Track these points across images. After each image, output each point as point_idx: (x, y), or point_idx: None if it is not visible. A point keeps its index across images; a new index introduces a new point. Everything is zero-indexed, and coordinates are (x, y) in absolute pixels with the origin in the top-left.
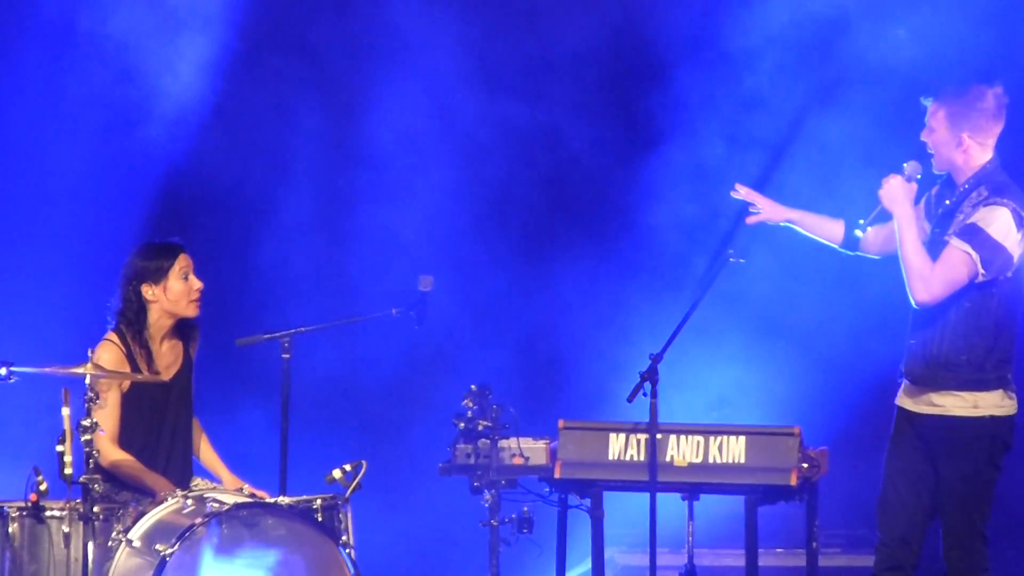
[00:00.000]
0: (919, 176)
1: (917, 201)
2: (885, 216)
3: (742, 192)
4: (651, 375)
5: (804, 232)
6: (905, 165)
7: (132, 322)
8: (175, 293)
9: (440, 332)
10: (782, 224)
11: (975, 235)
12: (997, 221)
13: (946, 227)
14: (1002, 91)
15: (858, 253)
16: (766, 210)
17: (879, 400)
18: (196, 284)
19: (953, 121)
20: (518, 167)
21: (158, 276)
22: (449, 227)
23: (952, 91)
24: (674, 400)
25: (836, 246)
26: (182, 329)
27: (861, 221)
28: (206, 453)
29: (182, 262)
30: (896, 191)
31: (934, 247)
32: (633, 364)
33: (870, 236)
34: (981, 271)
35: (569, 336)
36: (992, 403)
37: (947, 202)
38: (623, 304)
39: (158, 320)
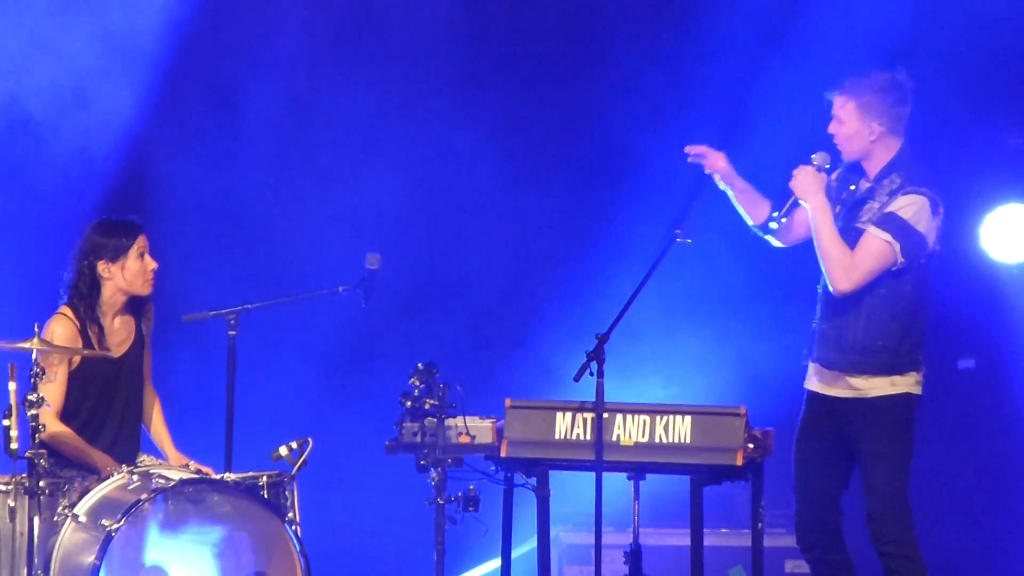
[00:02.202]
0: (828, 166)
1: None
2: (795, 206)
3: (693, 150)
4: (597, 354)
5: (733, 201)
6: (814, 156)
7: (85, 296)
8: (132, 272)
9: (387, 310)
10: (722, 187)
11: (894, 223)
12: (915, 209)
13: (857, 215)
14: (905, 75)
15: (766, 237)
16: (718, 164)
17: None
18: (151, 264)
19: (864, 112)
20: (468, 143)
21: (116, 254)
22: (397, 204)
23: (859, 82)
24: (620, 380)
25: (751, 223)
26: (134, 305)
27: (775, 214)
28: (156, 426)
29: (141, 242)
30: (808, 182)
31: (846, 235)
32: (580, 343)
33: (781, 225)
34: (900, 258)
35: (516, 315)
36: (907, 383)
37: (852, 188)
38: (571, 282)
39: (112, 296)
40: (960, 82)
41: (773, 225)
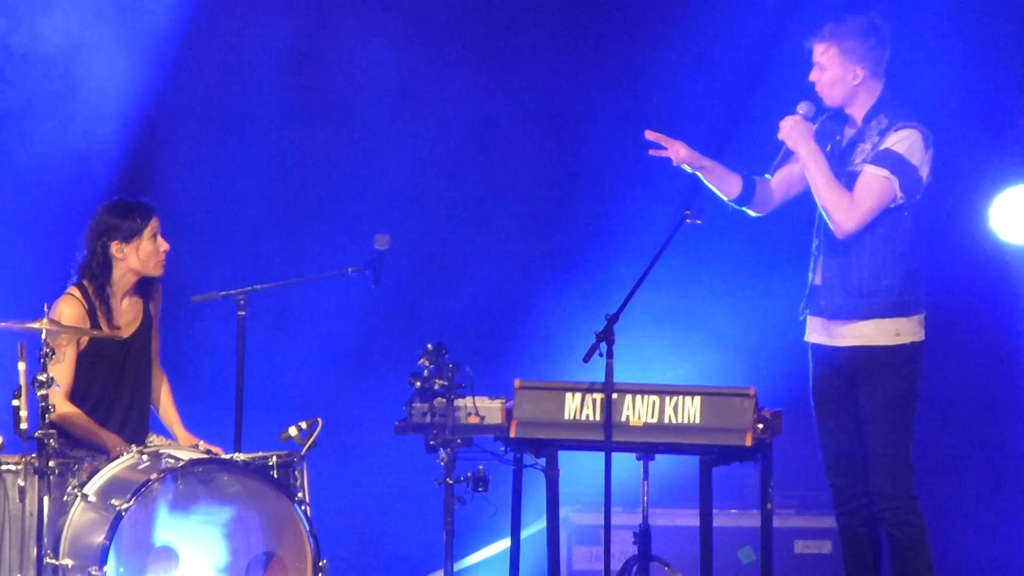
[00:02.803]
0: (813, 115)
1: None
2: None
3: (652, 137)
4: (607, 335)
5: (705, 182)
6: (799, 107)
7: (96, 276)
8: (145, 253)
9: (397, 291)
10: (690, 171)
11: (891, 159)
12: (909, 144)
13: (848, 159)
14: (880, 17)
15: (744, 209)
16: (680, 155)
17: None
18: (164, 246)
19: (847, 56)
20: (475, 123)
21: (130, 235)
22: (406, 184)
23: (839, 28)
24: (630, 361)
25: (726, 199)
26: (143, 286)
27: (767, 176)
28: (165, 407)
29: (154, 223)
30: (797, 130)
31: (840, 181)
32: (589, 324)
33: (775, 183)
34: (899, 194)
35: (526, 295)
36: (911, 330)
37: (838, 137)
38: (580, 263)
39: (122, 277)
40: (970, 61)
41: (767, 176)
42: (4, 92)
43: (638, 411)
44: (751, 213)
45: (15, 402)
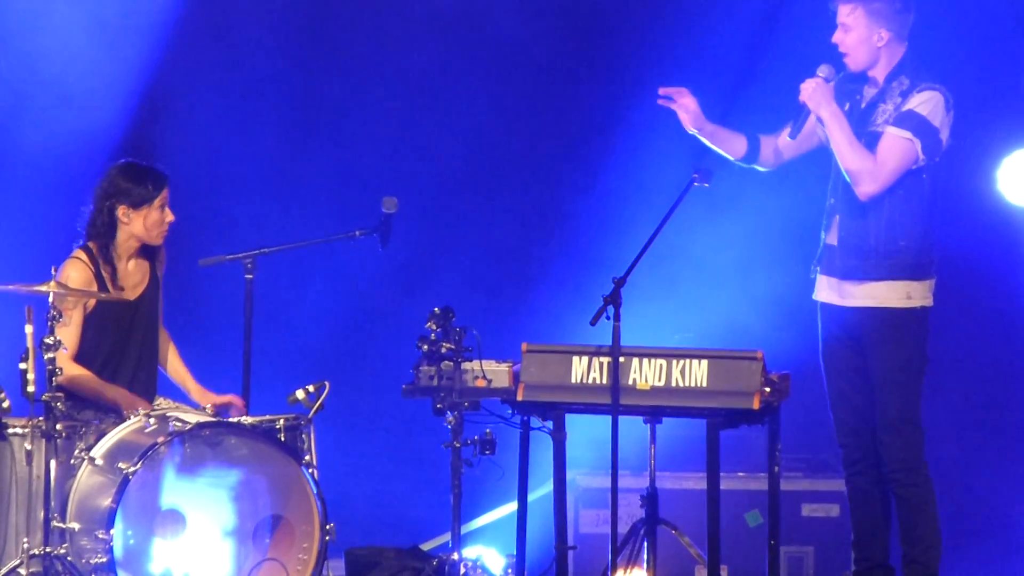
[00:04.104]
0: (833, 77)
1: None
2: (802, 122)
3: (664, 92)
4: (614, 298)
5: (708, 143)
6: (820, 69)
7: (101, 235)
8: (152, 222)
9: (404, 254)
10: (691, 131)
11: (913, 120)
12: (931, 106)
13: (870, 119)
14: None
15: (753, 166)
16: (690, 108)
17: None
18: (169, 217)
19: (873, 18)
20: (483, 87)
21: (140, 202)
22: (413, 147)
23: None
24: (637, 324)
25: (734, 159)
26: (147, 249)
27: (790, 123)
28: (174, 365)
29: (165, 194)
30: (820, 92)
31: (861, 141)
32: (597, 287)
33: (781, 143)
34: (921, 156)
35: (533, 258)
36: (922, 294)
37: (857, 97)
38: (586, 226)
39: (126, 241)
40: (977, 23)
41: (789, 139)
42: (9, 62)
43: (645, 374)
44: (760, 169)
45: (22, 365)
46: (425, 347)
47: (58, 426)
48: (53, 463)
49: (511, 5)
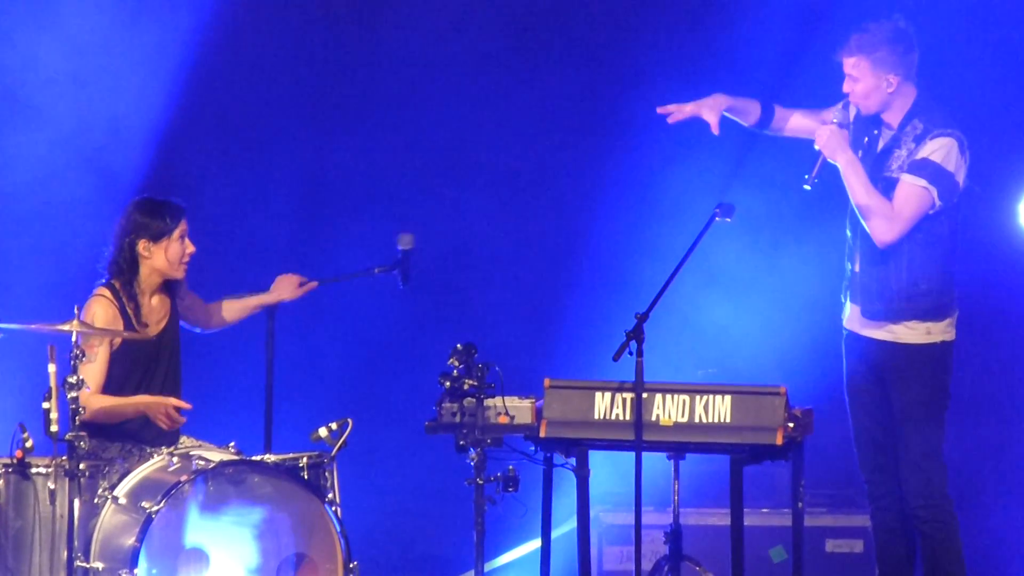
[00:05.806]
0: (848, 121)
1: None
2: (827, 167)
3: (664, 111)
4: (637, 334)
5: (728, 116)
6: (832, 115)
7: (123, 272)
8: (172, 254)
9: (426, 290)
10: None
11: (928, 168)
12: (945, 152)
13: (885, 164)
14: (903, 20)
15: (766, 132)
16: (705, 108)
17: None
18: (190, 248)
19: (878, 67)
20: (502, 120)
21: (159, 235)
22: (434, 180)
23: (866, 38)
24: (660, 359)
25: (747, 124)
26: (169, 283)
27: (807, 176)
28: (230, 307)
29: (183, 225)
30: (835, 140)
31: (876, 185)
32: (619, 323)
33: (791, 122)
34: (938, 202)
35: (555, 295)
36: (942, 330)
37: (873, 134)
38: (609, 261)
39: (148, 276)
40: (996, 57)
41: (807, 188)
42: (31, 95)
43: (668, 410)
44: (779, 135)
45: (45, 404)
46: (448, 383)
47: (81, 465)
48: (76, 502)
49: (546, 41)
